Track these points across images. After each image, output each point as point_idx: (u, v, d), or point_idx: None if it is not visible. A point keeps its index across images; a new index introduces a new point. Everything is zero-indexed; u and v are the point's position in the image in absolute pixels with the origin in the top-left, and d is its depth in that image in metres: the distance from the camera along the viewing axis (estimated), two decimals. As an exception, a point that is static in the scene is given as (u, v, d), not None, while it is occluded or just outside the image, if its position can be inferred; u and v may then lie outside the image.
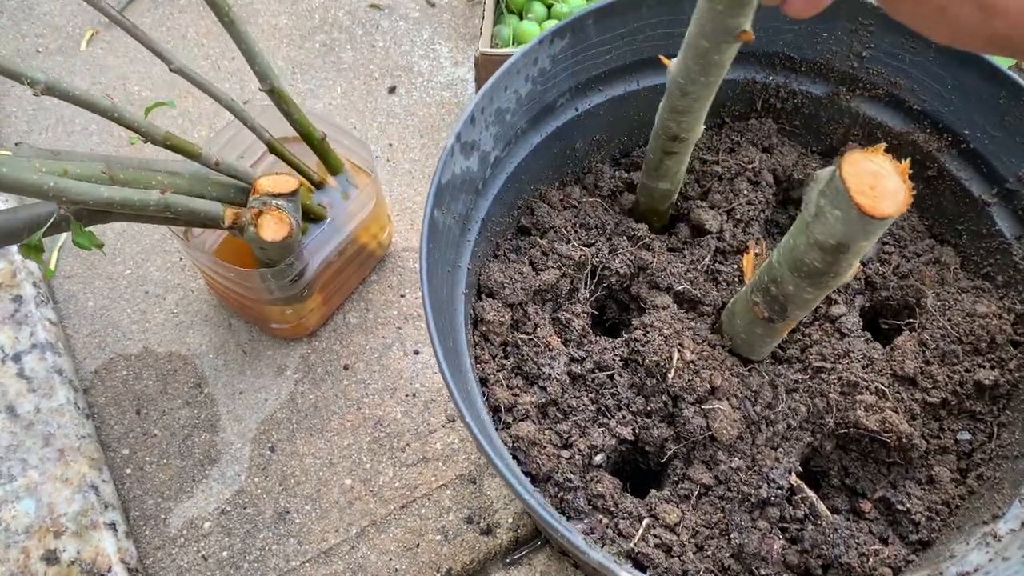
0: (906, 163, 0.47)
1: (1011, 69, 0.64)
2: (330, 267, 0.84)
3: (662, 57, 0.60)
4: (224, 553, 0.79)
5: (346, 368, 0.88)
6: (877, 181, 0.47)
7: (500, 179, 0.66)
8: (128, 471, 0.83)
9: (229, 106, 0.77)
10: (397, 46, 1.10)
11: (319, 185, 0.84)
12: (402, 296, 0.93)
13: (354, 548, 0.80)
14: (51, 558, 0.75)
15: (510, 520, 0.81)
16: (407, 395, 0.87)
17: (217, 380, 0.87)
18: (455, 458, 0.84)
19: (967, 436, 0.64)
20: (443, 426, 0.86)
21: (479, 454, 0.84)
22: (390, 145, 1.02)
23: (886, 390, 0.64)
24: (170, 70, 0.75)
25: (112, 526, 0.77)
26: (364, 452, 0.84)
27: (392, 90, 1.06)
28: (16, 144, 0.67)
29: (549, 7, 1.01)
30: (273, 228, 0.69)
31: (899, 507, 0.62)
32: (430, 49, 1.10)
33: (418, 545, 0.80)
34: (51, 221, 0.64)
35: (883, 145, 0.48)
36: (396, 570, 0.79)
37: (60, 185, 0.61)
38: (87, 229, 0.66)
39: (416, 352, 0.89)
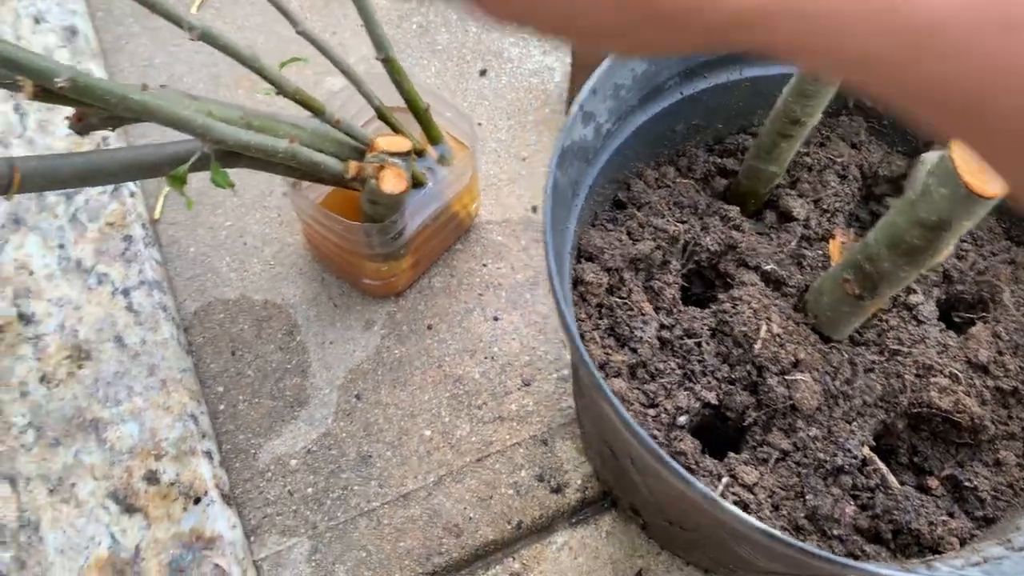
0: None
1: None
2: (425, 230, 0.89)
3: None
4: (309, 489, 0.84)
5: (429, 328, 0.93)
6: (983, 166, 0.51)
7: (608, 151, 0.71)
8: (222, 407, 0.88)
9: (346, 71, 0.82)
10: (489, 32, 1.15)
11: (420, 153, 0.88)
12: (484, 265, 0.97)
13: (431, 495, 0.84)
14: (152, 478, 0.80)
15: (579, 481, 0.85)
16: (485, 357, 0.92)
17: (309, 329, 0.92)
18: (529, 420, 0.88)
19: (1034, 425, 0.68)
20: (518, 389, 0.90)
21: (551, 415, 0.88)
22: (479, 124, 1.07)
23: (959, 375, 0.67)
24: (296, 32, 0.80)
25: (208, 454, 0.82)
26: (443, 407, 0.89)
27: (483, 73, 1.11)
28: (161, 86, 0.72)
29: None
30: (392, 182, 0.74)
31: (966, 484, 0.66)
32: (520, 37, 1.15)
33: (491, 497, 0.84)
34: (194, 158, 0.69)
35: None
36: (470, 518, 0.83)
37: (206, 123, 0.67)
38: (221, 170, 0.71)
39: (495, 318, 0.94)
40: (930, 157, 0.54)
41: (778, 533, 0.49)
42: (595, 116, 0.67)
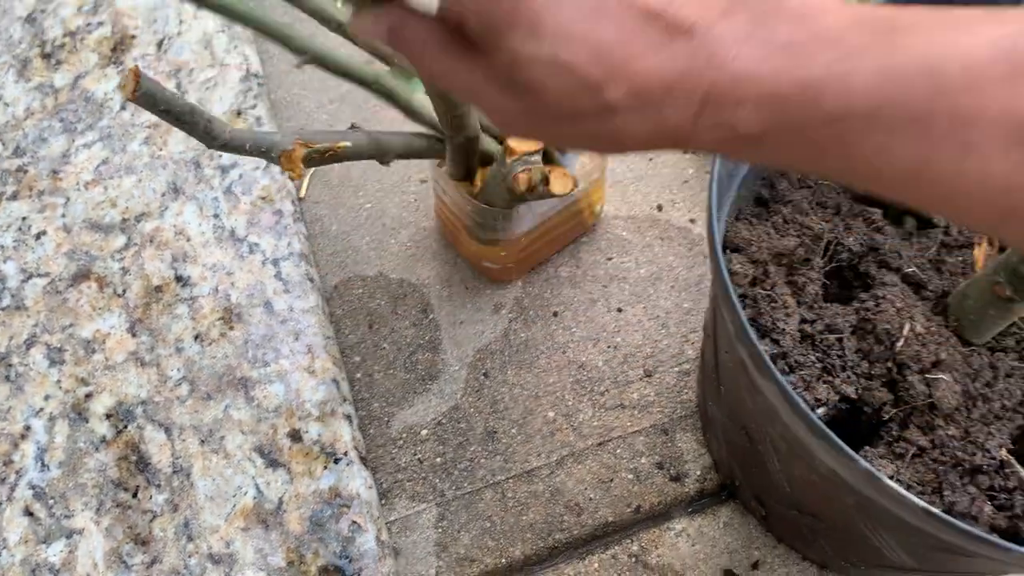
0: None
1: None
2: (546, 222, 0.92)
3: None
4: (437, 459, 0.88)
5: (555, 315, 0.96)
6: None
7: (760, 147, 0.73)
8: (358, 376, 0.92)
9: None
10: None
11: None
12: (609, 259, 1.00)
13: (553, 473, 0.87)
14: (295, 436, 0.85)
15: (698, 472, 0.87)
16: (608, 347, 0.94)
17: (441, 308, 0.96)
18: (650, 409, 0.91)
19: None
20: (640, 379, 0.93)
21: (672, 407, 0.91)
22: (607, 124, 1.11)
23: (1105, 385, 0.68)
24: None
25: (348, 418, 0.87)
26: (567, 391, 0.92)
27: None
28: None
29: None
30: (561, 183, 0.77)
31: (1108, 493, 0.66)
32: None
33: (611, 480, 0.87)
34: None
35: None
36: (590, 499, 0.86)
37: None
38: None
39: (619, 310, 0.97)
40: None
41: (945, 515, 0.50)
42: (754, 112, 0.69)
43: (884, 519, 0.63)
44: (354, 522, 0.81)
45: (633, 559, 0.83)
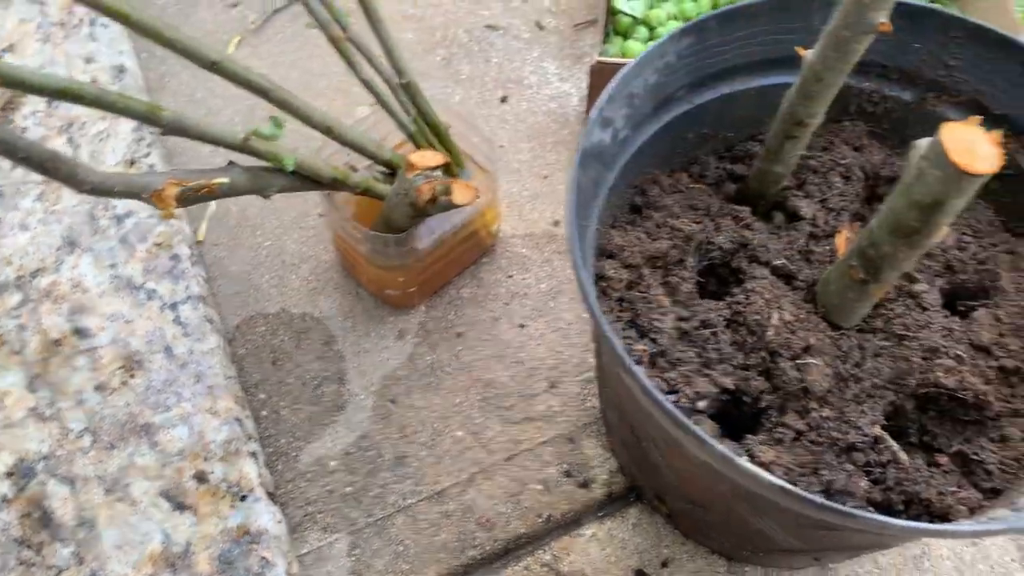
0: (998, 132, 0.56)
1: None
2: (442, 246, 0.94)
3: (799, 48, 0.70)
4: (348, 488, 0.88)
5: (459, 336, 0.98)
6: (972, 146, 0.56)
7: (625, 156, 0.76)
8: (264, 413, 0.93)
9: (383, 102, 0.88)
10: (509, 62, 1.22)
11: (447, 169, 0.94)
12: (510, 277, 1.02)
13: (464, 491, 0.88)
14: (201, 478, 0.85)
15: (605, 476, 0.89)
16: (513, 362, 0.96)
17: (345, 339, 0.97)
18: (556, 419, 0.93)
19: (1038, 402, 0.72)
20: (545, 391, 0.94)
21: (577, 415, 0.92)
22: (501, 147, 1.13)
23: (964, 356, 0.71)
24: (359, 79, 0.87)
25: (253, 455, 0.87)
26: (474, 409, 0.93)
27: (504, 100, 1.17)
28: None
29: (651, 29, 1.12)
30: (463, 194, 0.80)
31: (974, 458, 0.69)
32: (539, 66, 1.22)
33: (521, 493, 0.88)
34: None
35: (979, 118, 0.56)
36: (501, 513, 0.87)
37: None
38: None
39: (522, 326, 0.99)
40: (922, 143, 0.58)
41: (791, 487, 0.53)
42: (613, 122, 0.72)
43: (757, 503, 0.65)
44: (263, 558, 0.81)
45: (546, 568, 0.84)
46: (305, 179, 0.81)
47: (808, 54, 0.67)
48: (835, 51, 0.65)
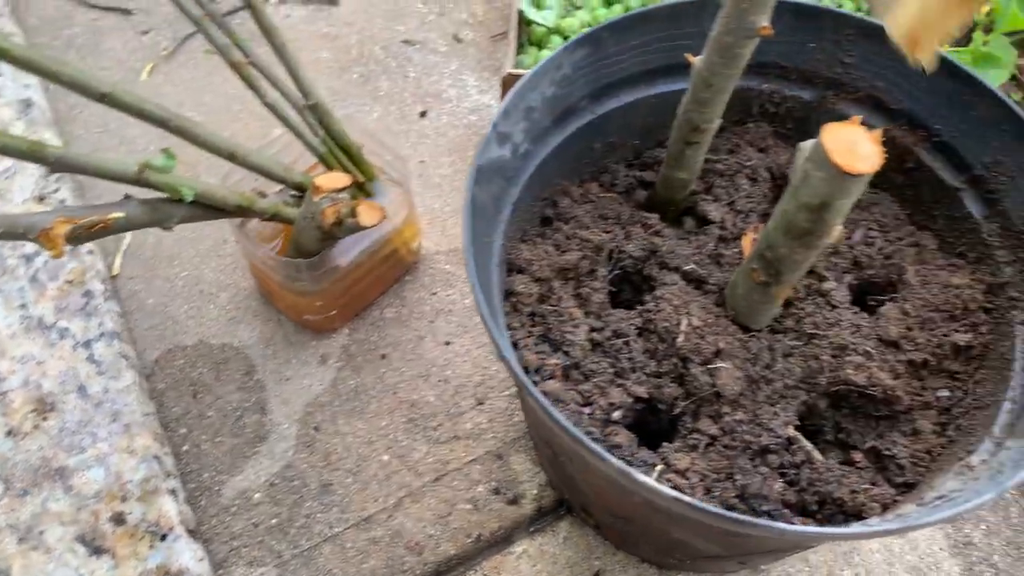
0: (878, 131, 0.56)
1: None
2: (359, 267, 0.92)
3: (688, 55, 0.70)
4: (273, 521, 0.87)
5: (383, 357, 0.97)
6: (853, 146, 0.56)
7: (528, 169, 0.76)
8: (185, 448, 0.91)
9: (290, 125, 0.87)
10: (428, 76, 1.21)
11: (361, 187, 0.93)
12: (433, 294, 1.01)
13: (391, 516, 0.87)
14: (118, 519, 0.83)
15: (534, 492, 0.88)
16: (439, 381, 0.95)
17: (266, 368, 0.96)
18: (483, 436, 0.92)
19: (946, 393, 0.72)
20: (472, 408, 0.93)
21: (504, 431, 0.92)
22: (422, 162, 1.12)
23: (872, 351, 0.72)
24: (263, 104, 0.85)
25: (173, 492, 0.85)
26: (400, 431, 0.92)
27: (423, 114, 1.17)
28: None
29: (566, 38, 1.11)
30: (370, 215, 0.78)
31: (886, 453, 0.70)
32: (457, 79, 1.21)
33: (450, 513, 0.87)
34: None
35: (859, 117, 0.57)
36: (430, 536, 0.86)
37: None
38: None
39: (447, 343, 0.98)
40: (806, 145, 0.58)
41: (686, 498, 0.52)
42: (511, 137, 0.72)
43: (671, 514, 0.64)
44: (185, 598, 0.79)
45: (477, 589, 0.83)
46: (208, 208, 0.80)
47: (697, 61, 0.67)
48: (721, 57, 0.65)
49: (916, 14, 0.48)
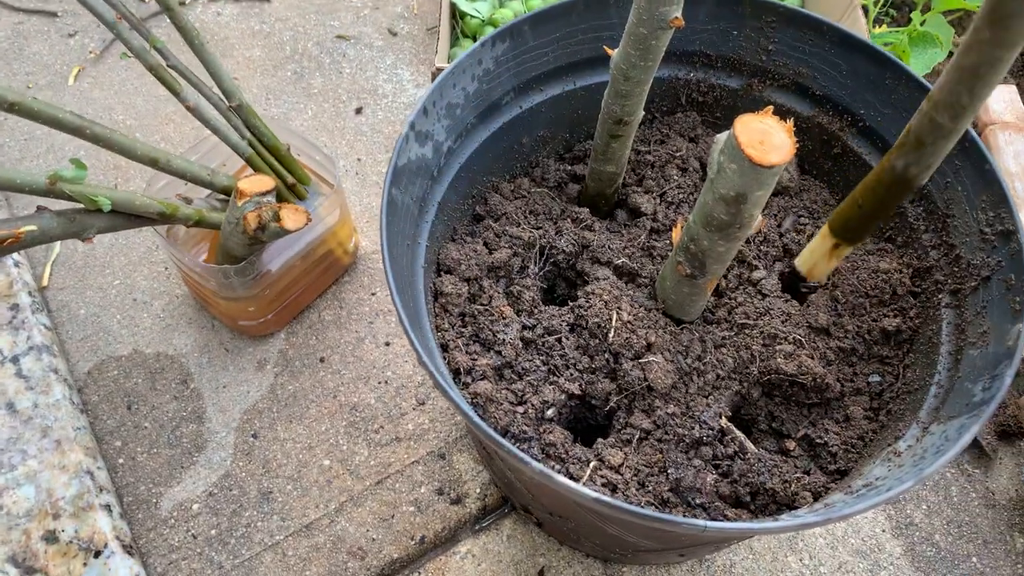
0: (790, 122, 0.56)
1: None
2: (292, 270, 0.91)
3: (606, 48, 0.69)
4: (212, 531, 0.85)
5: (322, 360, 0.95)
6: (765, 137, 0.55)
7: (454, 168, 0.75)
8: (121, 461, 0.89)
9: (215, 128, 0.85)
10: (363, 72, 1.19)
11: (292, 188, 0.91)
12: (373, 294, 1.00)
13: (333, 522, 0.86)
14: (50, 538, 0.81)
15: (478, 490, 0.88)
16: (380, 382, 0.94)
17: (202, 376, 0.94)
18: (425, 437, 0.91)
19: (877, 378, 0.72)
20: (413, 409, 0.92)
21: (447, 430, 0.91)
22: (359, 160, 1.11)
23: (803, 340, 0.72)
24: (186, 108, 0.83)
25: (107, 507, 0.83)
26: (341, 435, 0.91)
27: (359, 111, 1.15)
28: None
29: (500, 30, 1.10)
30: (294, 218, 0.77)
31: (818, 441, 0.70)
32: (393, 73, 1.19)
33: (393, 516, 0.86)
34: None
35: (771, 108, 0.56)
36: (373, 540, 0.85)
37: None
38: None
39: (387, 344, 0.97)
40: (721, 137, 0.58)
41: (606, 498, 0.52)
42: (432, 135, 0.70)
43: (598, 513, 0.64)
44: (120, 616, 0.77)
45: (421, 592, 0.83)
46: (129, 217, 0.78)
47: (614, 53, 0.66)
48: (636, 49, 0.64)
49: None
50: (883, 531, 0.88)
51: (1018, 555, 0.87)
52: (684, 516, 0.66)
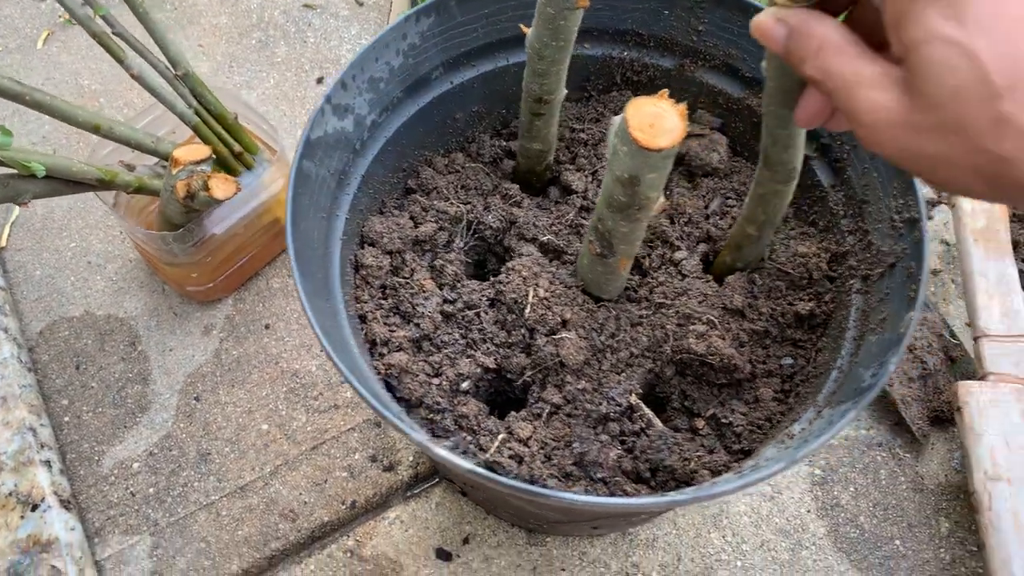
0: (683, 105, 0.56)
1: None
2: (236, 237, 0.92)
3: (522, 26, 0.69)
4: (150, 489, 0.88)
5: (267, 327, 0.97)
6: (656, 121, 0.56)
7: (379, 141, 0.75)
8: (67, 419, 0.91)
9: (161, 98, 0.86)
10: (327, 41, 1.20)
11: (239, 157, 0.93)
12: (322, 264, 1.01)
13: (268, 484, 0.88)
14: (-9, 491, 0.84)
15: (411, 459, 0.90)
16: (322, 351, 0.96)
17: (150, 339, 0.96)
18: (362, 405, 0.93)
19: (789, 361, 0.73)
20: (354, 378, 0.94)
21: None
22: (317, 130, 1.12)
23: (716, 321, 0.72)
24: (131, 76, 0.84)
25: (47, 463, 0.86)
26: (281, 401, 0.93)
27: (320, 80, 1.16)
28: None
29: None
30: (223, 188, 0.78)
31: (724, 421, 0.71)
32: (357, 44, 1.20)
33: (326, 481, 0.88)
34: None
35: (666, 91, 0.57)
36: (305, 503, 0.87)
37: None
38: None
39: (333, 313, 0.98)
40: (616, 120, 0.58)
41: (478, 468, 0.53)
42: (352, 108, 0.71)
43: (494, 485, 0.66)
44: (53, 566, 0.80)
45: (348, 554, 0.85)
46: (67, 182, 0.79)
47: (528, 32, 0.67)
48: (547, 28, 0.64)
49: None
50: (808, 511, 0.89)
51: (942, 539, 0.88)
52: (586, 490, 0.68)
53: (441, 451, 0.54)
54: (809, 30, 0.41)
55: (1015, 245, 1.26)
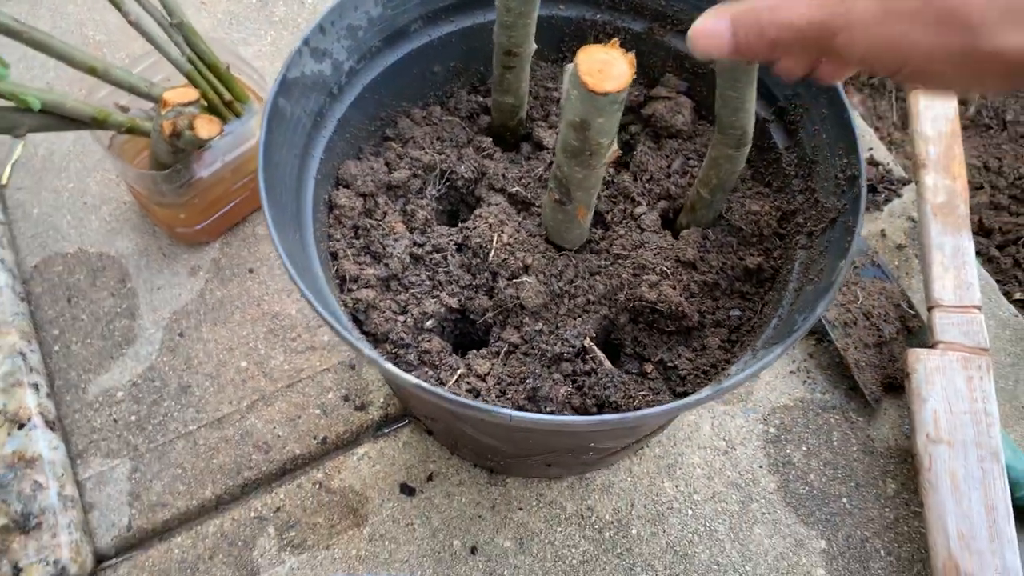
0: (632, 54, 0.60)
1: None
2: (224, 181, 0.96)
3: (491, -19, 0.73)
4: (132, 417, 0.92)
5: (251, 271, 1.01)
6: (606, 67, 0.59)
7: (356, 88, 0.79)
8: (56, 348, 0.96)
9: (157, 46, 0.90)
10: (324, 2, 1.24)
11: (230, 106, 0.97)
12: (308, 214, 1.05)
13: (244, 417, 0.92)
14: (-20, 410, 0.88)
15: (382, 400, 0.94)
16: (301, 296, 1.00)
17: (139, 277, 1.00)
18: (338, 348, 0.97)
19: (737, 312, 0.77)
20: (332, 322, 0.98)
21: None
22: (311, 87, 1.16)
23: (668, 271, 0.76)
24: (128, 22, 0.88)
25: (35, 386, 0.90)
26: (260, 340, 0.97)
27: (317, 40, 1.19)
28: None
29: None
30: (207, 127, 0.82)
31: (670, 365, 0.74)
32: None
33: (299, 417, 0.92)
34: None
35: (617, 40, 0.60)
36: (278, 436, 0.91)
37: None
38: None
39: (315, 260, 1.02)
40: (570, 67, 0.62)
41: (422, 383, 0.57)
42: (330, 53, 0.75)
43: (444, 409, 0.69)
44: (36, 481, 0.85)
45: (317, 485, 0.89)
46: (61, 119, 0.83)
47: (496, -15, 0.70)
48: (513, -19, 0.68)
49: None
50: (760, 467, 0.93)
51: (887, 499, 0.91)
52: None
53: (388, 365, 0.58)
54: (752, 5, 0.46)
55: (988, 231, 1.29)
